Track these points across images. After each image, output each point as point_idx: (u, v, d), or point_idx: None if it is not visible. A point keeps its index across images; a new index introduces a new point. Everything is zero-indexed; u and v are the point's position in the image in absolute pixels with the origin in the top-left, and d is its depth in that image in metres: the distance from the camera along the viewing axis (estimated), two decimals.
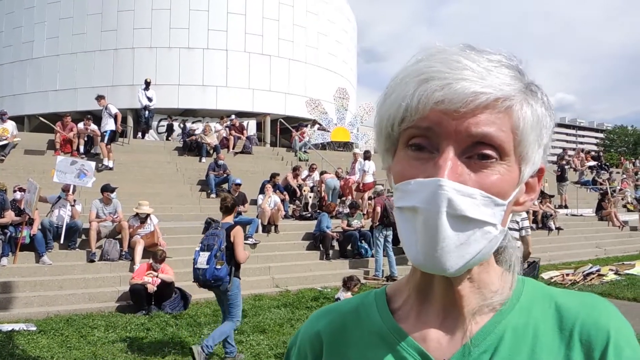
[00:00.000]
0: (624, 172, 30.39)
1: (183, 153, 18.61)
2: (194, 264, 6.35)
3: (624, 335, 0.82)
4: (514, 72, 0.81)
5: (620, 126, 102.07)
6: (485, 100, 0.77)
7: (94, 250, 10.13)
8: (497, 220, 0.80)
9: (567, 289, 0.91)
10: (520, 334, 0.84)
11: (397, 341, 0.89)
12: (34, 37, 26.08)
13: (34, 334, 7.43)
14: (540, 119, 0.83)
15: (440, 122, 0.78)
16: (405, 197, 0.80)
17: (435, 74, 0.77)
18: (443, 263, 0.77)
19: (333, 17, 30.21)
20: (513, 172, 0.82)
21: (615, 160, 47.33)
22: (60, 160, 11.03)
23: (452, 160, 0.77)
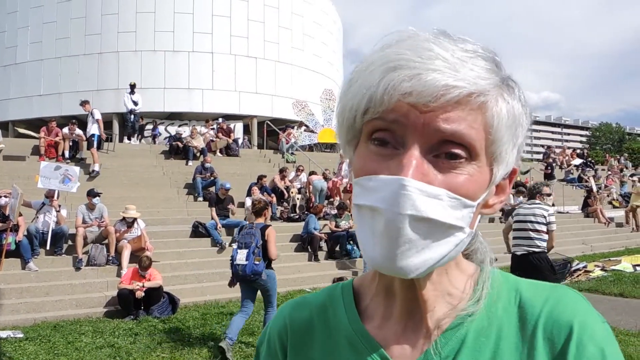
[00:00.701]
0: (609, 169, 30.63)
1: (169, 156, 18.53)
2: (232, 261, 6.97)
3: (588, 330, 0.77)
4: (490, 64, 0.75)
5: (605, 123, 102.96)
6: (457, 94, 0.70)
7: (80, 256, 10.05)
8: (465, 223, 0.75)
9: (535, 281, 0.86)
10: (482, 336, 0.80)
11: (363, 346, 0.85)
12: (17, 42, 25.92)
13: (21, 341, 7.36)
14: (516, 117, 0.77)
15: (407, 116, 0.71)
16: (365, 194, 0.75)
17: (404, 63, 0.71)
18: (404, 267, 0.72)
19: (318, 19, 30.24)
20: (484, 173, 0.76)
21: (600, 158, 47.70)
22: (44, 166, 10.96)
23: (417, 158, 0.71)
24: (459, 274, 0.86)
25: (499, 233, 8.65)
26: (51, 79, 25.07)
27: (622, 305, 9.35)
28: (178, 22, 25.37)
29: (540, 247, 7.14)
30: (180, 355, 6.90)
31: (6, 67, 26.02)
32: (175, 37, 25.30)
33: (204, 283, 10.56)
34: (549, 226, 7.22)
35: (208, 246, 11.88)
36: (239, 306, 9.36)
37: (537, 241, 7.16)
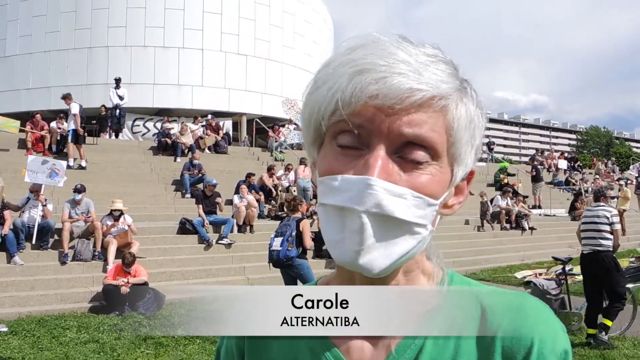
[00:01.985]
0: (597, 173, 30.84)
1: (158, 152, 18.49)
2: (270, 248, 7.82)
3: (549, 342, 0.79)
4: (450, 68, 0.78)
5: (593, 127, 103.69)
6: (420, 97, 0.73)
7: (66, 251, 10.01)
8: (428, 221, 0.78)
9: (497, 288, 0.87)
10: (441, 342, 0.81)
11: (322, 350, 0.86)
12: (7, 35, 25.70)
13: (5, 335, 7.33)
14: (473, 119, 0.80)
15: (373, 119, 0.74)
16: (331, 193, 0.77)
17: (370, 66, 0.73)
18: (369, 263, 0.75)
19: (309, 17, 30.24)
20: (445, 173, 0.79)
21: (588, 161, 48.00)
22: (31, 160, 10.90)
23: (382, 158, 0.74)
24: (422, 276, 0.88)
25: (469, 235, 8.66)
26: (40, 73, 24.89)
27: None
28: (169, 18, 25.27)
29: (604, 245, 7.52)
30: (165, 351, 6.89)
31: None
32: (165, 33, 25.20)
33: (190, 280, 10.54)
34: (612, 226, 7.61)
35: (195, 243, 11.85)
36: None
37: (601, 240, 7.55)
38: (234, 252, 11.94)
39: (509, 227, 17.52)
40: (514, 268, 13.72)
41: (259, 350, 0.92)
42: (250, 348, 0.93)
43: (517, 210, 17.80)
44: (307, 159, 0.88)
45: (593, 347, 7.17)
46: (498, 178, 22.29)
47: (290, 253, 7.57)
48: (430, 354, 0.81)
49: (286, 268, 7.77)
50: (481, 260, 14.27)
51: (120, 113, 20.07)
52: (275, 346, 0.90)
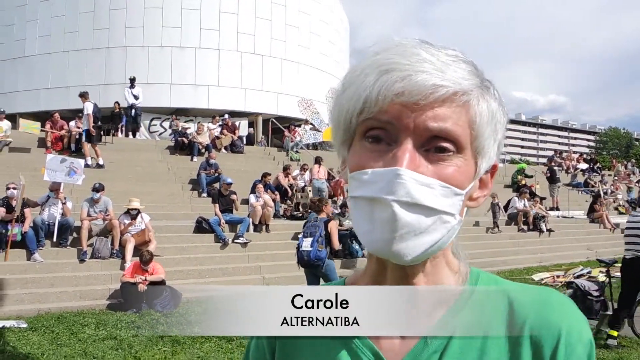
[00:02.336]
0: (616, 175, 30.54)
1: (174, 152, 18.57)
2: (299, 248, 7.90)
3: (576, 332, 0.82)
4: (470, 67, 0.82)
5: (613, 128, 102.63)
6: (444, 93, 0.77)
7: (85, 249, 10.10)
8: (456, 210, 0.81)
9: (523, 284, 0.90)
10: (471, 331, 0.83)
11: (352, 339, 0.88)
12: (26, 35, 25.97)
13: (25, 331, 7.41)
14: (494, 114, 0.83)
15: (399, 115, 0.78)
16: (362, 186, 0.80)
17: (395, 66, 0.77)
18: (400, 251, 0.78)
19: (325, 17, 30.24)
20: (469, 165, 0.82)
21: (607, 163, 47.55)
22: (50, 159, 11.01)
23: (410, 151, 0.78)
24: (448, 270, 0.90)
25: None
26: (59, 73, 25.11)
27: None
28: (185, 18, 25.40)
29: None
30: (182, 349, 6.92)
31: (14, 59, 26.07)
32: (182, 33, 25.33)
33: (206, 278, 10.59)
34: None
35: (211, 242, 11.90)
36: None
37: None
38: (249, 251, 11.97)
39: (527, 228, 17.40)
40: (532, 270, 13.64)
41: (292, 346, 0.94)
42: (281, 345, 0.95)
43: (534, 212, 17.68)
44: (338, 156, 0.90)
45: (611, 348, 7.12)
46: (515, 179, 22.14)
47: (320, 254, 7.67)
48: (461, 340, 0.84)
49: (315, 268, 7.87)
50: (498, 262, 14.18)
51: (137, 112, 20.16)
52: (307, 340, 0.91)
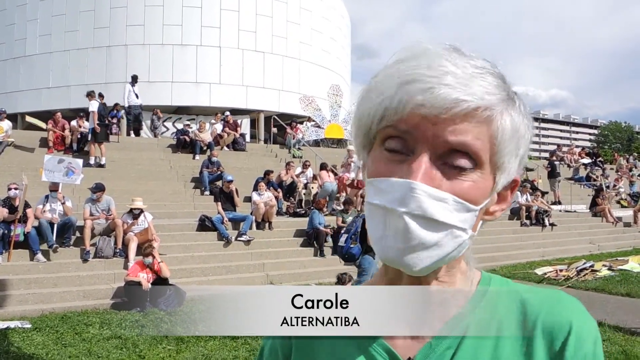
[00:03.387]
0: (618, 169, 30.48)
1: (176, 150, 18.56)
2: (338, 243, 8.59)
3: (586, 329, 0.84)
4: (497, 80, 0.80)
5: (614, 122, 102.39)
6: (466, 108, 0.76)
7: (88, 249, 10.10)
8: (468, 225, 0.81)
9: (534, 286, 0.92)
10: (484, 330, 0.85)
11: (366, 337, 0.89)
12: (27, 35, 25.97)
13: (29, 332, 7.42)
14: (518, 129, 0.82)
15: (418, 126, 0.78)
16: (378, 194, 0.81)
17: (418, 77, 0.76)
18: (409, 262, 0.78)
19: (327, 14, 30.19)
20: (487, 180, 0.82)
21: (609, 157, 47.48)
22: (47, 160, 10.99)
23: (426, 164, 0.77)
24: (460, 271, 0.90)
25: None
26: (60, 72, 25.12)
27: (628, 305, 9.32)
28: (186, 16, 25.37)
29: None
30: (186, 347, 6.93)
31: (15, 59, 26.08)
32: (183, 30, 25.30)
33: (209, 276, 10.59)
34: None
35: (214, 240, 11.91)
36: None
37: None
38: (253, 248, 11.97)
39: (529, 223, 17.40)
40: (534, 264, 13.62)
41: (308, 347, 0.94)
42: (298, 346, 0.96)
43: (536, 207, 17.66)
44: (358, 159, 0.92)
45: (614, 342, 7.12)
46: None
47: (352, 250, 7.89)
48: (474, 338, 0.85)
49: (350, 262, 8.18)
50: (501, 257, 14.17)
51: (139, 111, 20.12)
52: (321, 339, 0.92)
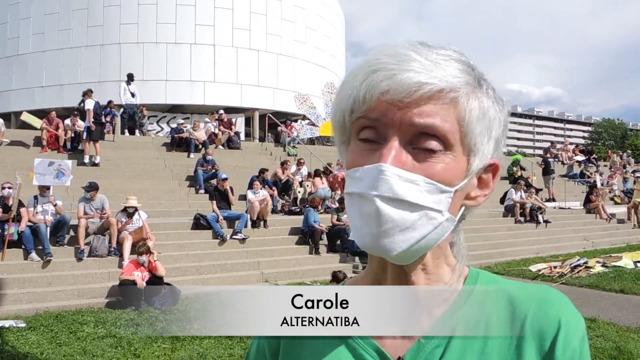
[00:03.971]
0: (612, 165, 30.57)
1: (171, 149, 18.53)
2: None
3: (573, 326, 0.84)
4: (463, 66, 0.82)
5: (607, 119, 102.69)
6: (429, 90, 0.78)
7: (82, 247, 10.07)
8: (443, 207, 0.81)
9: (522, 282, 0.92)
10: (472, 327, 0.85)
11: (354, 338, 0.89)
12: (19, 33, 25.90)
13: (24, 331, 7.40)
14: (487, 111, 0.83)
15: (386, 112, 0.79)
16: (353, 183, 0.82)
17: (382, 65, 0.79)
18: (386, 245, 0.79)
19: (321, 11, 30.18)
20: (460, 162, 0.83)
21: (602, 154, 47.60)
22: (37, 163, 10.91)
23: (395, 149, 0.79)
24: (448, 269, 0.91)
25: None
26: (53, 71, 25.06)
27: (622, 302, 9.36)
28: (180, 14, 25.33)
29: None
30: (182, 345, 6.93)
31: (8, 58, 26.00)
32: (177, 29, 25.27)
33: (204, 275, 10.59)
34: None
35: (209, 238, 11.90)
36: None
37: None
38: (248, 247, 11.97)
39: (523, 220, 17.44)
40: (529, 261, 13.65)
41: (296, 347, 0.94)
42: (285, 347, 0.96)
43: (530, 204, 17.70)
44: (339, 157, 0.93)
45: (608, 338, 7.14)
46: (511, 171, 22.15)
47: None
48: (463, 337, 0.85)
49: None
50: (495, 254, 14.20)
51: (134, 110, 20.06)
52: (310, 340, 0.92)
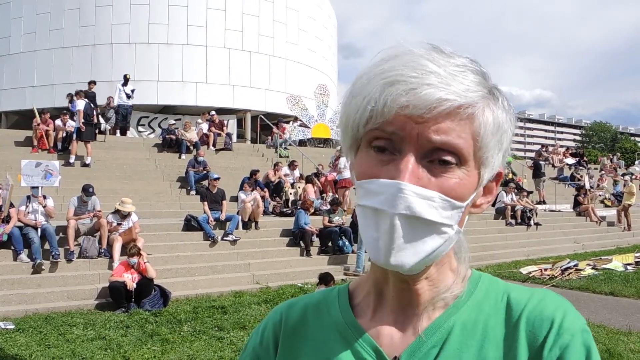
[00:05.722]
0: (602, 168, 30.72)
1: (162, 149, 18.48)
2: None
3: (567, 322, 0.84)
4: (478, 77, 0.82)
5: (598, 122, 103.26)
6: (448, 107, 0.78)
7: (72, 249, 10.01)
8: (454, 221, 0.83)
9: (523, 286, 0.93)
10: (469, 328, 0.87)
11: (354, 336, 0.92)
12: (11, 33, 25.79)
13: (12, 333, 7.35)
14: (501, 125, 0.84)
15: (404, 127, 0.79)
16: (368, 196, 0.82)
17: (401, 78, 0.78)
18: (398, 261, 0.80)
19: (313, 13, 30.21)
20: (472, 176, 0.84)
21: (593, 157, 47.84)
22: (25, 164, 10.83)
23: (413, 164, 0.79)
24: (450, 272, 0.92)
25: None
26: (44, 70, 24.96)
27: (612, 304, 9.41)
28: (172, 15, 25.30)
29: None
30: (172, 348, 6.90)
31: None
32: (169, 29, 25.24)
33: (195, 276, 10.55)
34: None
35: (200, 240, 11.86)
36: (230, 300, 9.43)
37: None
38: (239, 248, 11.94)
39: (514, 222, 17.50)
40: (519, 263, 13.70)
41: (294, 343, 0.97)
42: (284, 341, 0.99)
43: (521, 207, 17.76)
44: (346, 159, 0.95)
45: (598, 341, 7.17)
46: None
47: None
48: (458, 337, 0.87)
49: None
50: (486, 256, 14.24)
51: (128, 111, 20.01)
52: (310, 337, 0.96)
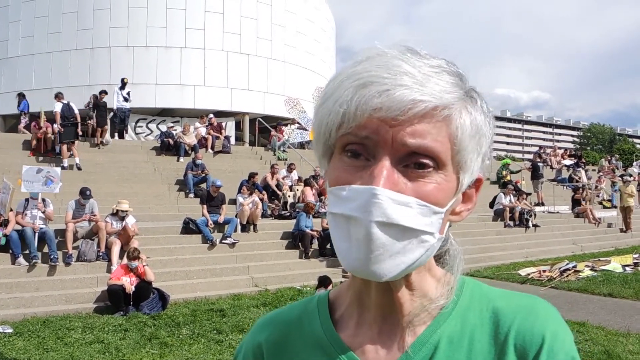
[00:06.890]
0: (600, 170, 30.74)
1: (161, 152, 18.47)
2: None
3: (559, 340, 0.81)
4: (454, 78, 0.79)
5: (596, 124, 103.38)
6: (423, 108, 0.74)
7: (70, 252, 10.00)
8: (435, 228, 0.79)
9: (508, 291, 0.90)
10: (455, 342, 0.84)
11: (337, 353, 0.88)
12: (9, 36, 25.75)
13: (10, 336, 7.35)
14: (479, 127, 0.81)
15: (377, 130, 0.75)
16: (339, 203, 0.78)
17: (374, 79, 0.75)
18: (377, 271, 0.76)
19: (312, 16, 30.23)
20: (451, 181, 0.80)
21: (591, 158, 47.87)
22: (25, 170, 10.82)
23: (387, 169, 0.75)
24: (432, 280, 0.89)
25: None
26: (42, 74, 24.91)
27: (610, 306, 9.41)
28: (170, 18, 25.28)
29: None
30: (170, 351, 6.90)
31: None
32: (167, 32, 25.21)
33: (194, 280, 10.55)
34: None
35: (199, 243, 11.86)
36: (229, 303, 9.42)
37: None
38: (237, 251, 11.94)
39: (513, 224, 17.51)
40: (518, 265, 13.71)
41: (280, 357, 0.94)
42: (268, 356, 0.95)
43: (520, 208, 17.77)
44: (319, 168, 0.89)
45: (596, 342, 7.17)
46: (500, 175, 22.25)
47: None
48: (445, 352, 0.83)
49: None
50: (485, 258, 14.25)
51: (126, 114, 20.00)
52: (293, 356, 0.92)
